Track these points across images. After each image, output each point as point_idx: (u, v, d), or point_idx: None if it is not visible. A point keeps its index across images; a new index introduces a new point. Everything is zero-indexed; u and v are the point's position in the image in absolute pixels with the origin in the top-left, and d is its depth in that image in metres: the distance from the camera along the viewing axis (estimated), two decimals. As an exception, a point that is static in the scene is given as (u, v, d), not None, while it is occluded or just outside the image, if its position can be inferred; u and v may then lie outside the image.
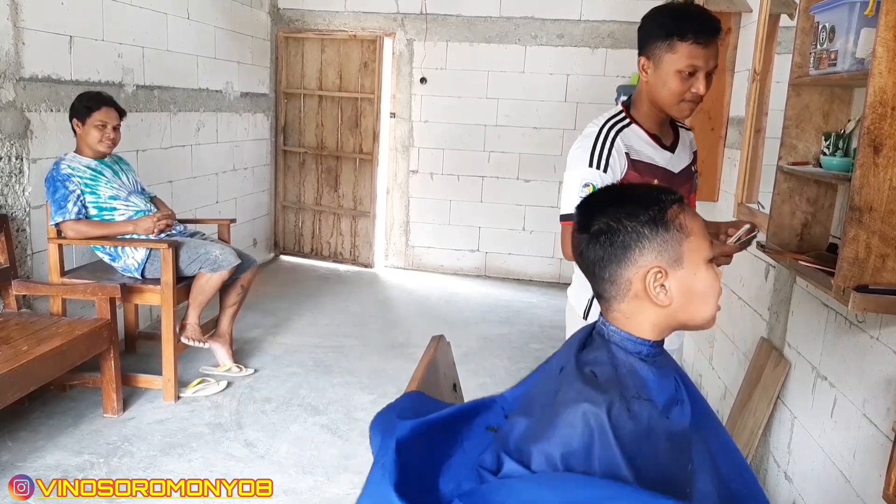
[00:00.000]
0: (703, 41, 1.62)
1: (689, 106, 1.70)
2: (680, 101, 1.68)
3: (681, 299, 1.02)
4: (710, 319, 1.06)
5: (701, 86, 1.65)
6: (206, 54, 4.61)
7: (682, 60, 1.63)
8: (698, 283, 1.02)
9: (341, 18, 5.66)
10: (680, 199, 1.05)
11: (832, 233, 2.12)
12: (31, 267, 3.14)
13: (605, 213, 1.03)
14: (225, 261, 3.15)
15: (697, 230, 1.03)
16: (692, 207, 1.19)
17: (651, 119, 1.78)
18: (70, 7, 3.28)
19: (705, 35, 1.62)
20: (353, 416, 3.11)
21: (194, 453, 2.73)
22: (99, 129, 3.08)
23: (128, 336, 3.67)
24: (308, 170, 5.97)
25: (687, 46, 1.62)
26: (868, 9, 1.67)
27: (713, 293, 1.04)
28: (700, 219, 1.07)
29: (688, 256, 1.01)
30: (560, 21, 5.41)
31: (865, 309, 1.65)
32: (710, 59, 1.64)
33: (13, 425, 2.81)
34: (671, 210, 1.01)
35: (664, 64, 1.66)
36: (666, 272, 1.01)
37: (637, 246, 1.01)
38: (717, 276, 1.05)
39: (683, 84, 1.65)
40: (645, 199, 1.02)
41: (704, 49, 1.62)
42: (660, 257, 1.01)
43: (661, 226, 1.00)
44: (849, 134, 1.96)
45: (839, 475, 2.01)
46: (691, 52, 1.62)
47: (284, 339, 4.04)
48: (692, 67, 1.63)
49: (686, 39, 1.62)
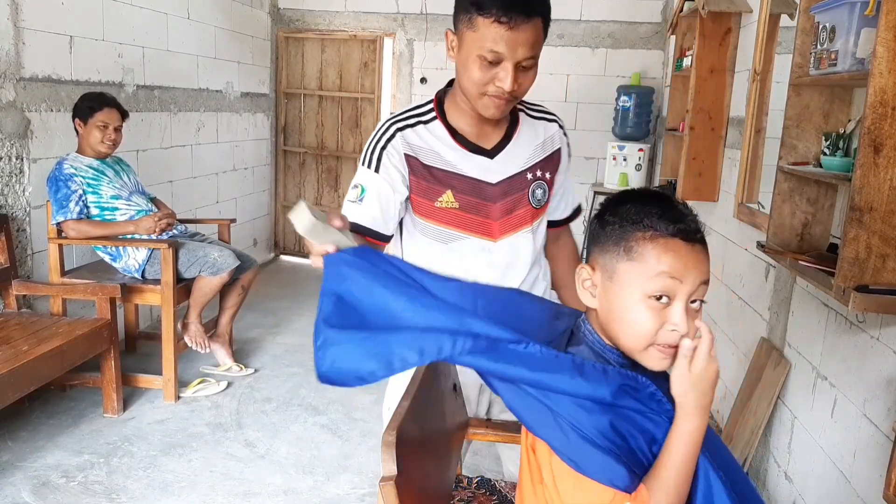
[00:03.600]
0: (509, 21, 1.25)
1: (494, 102, 1.34)
2: (482, 95, 1.34)
3: (604, 311, 1.04)
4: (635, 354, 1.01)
5: (506, 80, 1.29)
6: (207, 54, 4.61)
7: (481, 42, 1.29)
8: (622, 308, 1.00)
9: (341, 18, 5.66)
10: (674, 234, 0.98)
11: (832, 233, 2.12)
12: (31, 267, 3.14)
13: (614, 206, 1.06)
14: (224, 263, 3.15)
15: (651, 262, 0.97)
16: (685, 251, 0.97)
17: (464, 113, 1.44)
18: (70, 7, 3.28)
19: (513, 13, 1.24)
20: (353, 416, 3.11)
21: (194, 453, 2.73)
22: (101, 129, 3.08)
23: (128, 336, 3.67)
24: (308, 170, 5.97)
25: (488, 24, 1.26)
26: (868, 9, 1.67)
27: (633, 329, 0.99)
28: (677, 261, 0.97)
29: (620, 277, 1.00)
30: (560, 21, 5.40)
31: (866, 309, 1.65)
32: (520, 48, 1.27)
33: (13, 425, 2.81)
34: (638, 233, 1.00)
35: (465, 43, 1.33)
36: (595, 273, 1.04)
37: (594, 242, 1.06)
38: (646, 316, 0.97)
39: (485, 73, 1.31)
40: (631, 213, 1.02)
41: (510, 31, 1.26)
42: (598, 259, 1.04)
43: (613, 237, 1.02)
44: (849, 134, 1.96)
45: (839, 475, 2.01)
46: (493, 34, 1.26)
47: (285, 339, 4.04)
48: (493, 54, 1.28)
49: (487, 15, 1.26)
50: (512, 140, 1.48)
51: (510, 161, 1.46)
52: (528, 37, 1.27)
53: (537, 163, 1.50)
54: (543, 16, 1.30)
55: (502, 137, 1.47)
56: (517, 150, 1.48)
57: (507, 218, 1.46)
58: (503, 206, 1.45)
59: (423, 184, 1.44)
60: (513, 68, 1.29)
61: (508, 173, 1.46)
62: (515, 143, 1.48)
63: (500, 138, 1.47)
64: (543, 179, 1.50)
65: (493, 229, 1.46)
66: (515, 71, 1.30)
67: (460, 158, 1.44)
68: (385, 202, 1.44)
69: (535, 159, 1.50)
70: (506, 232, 1.47)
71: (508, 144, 1.47)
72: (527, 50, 1.28)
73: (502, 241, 1.47)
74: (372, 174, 1.44)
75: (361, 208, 1.43)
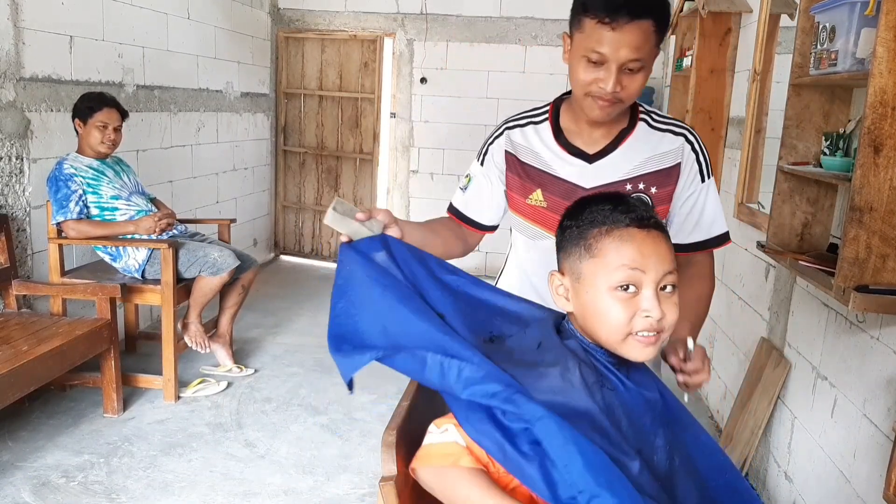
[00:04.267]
0: (612, 21, 1.22)
1: (598, 104, 1.31)
2: (586, 96, 1.32)
3: (579, 311, 1.08)
4: (616, 347, 1.04)
5: (609, 81, 1.27)
6: (207, 54, 4.61)
7: (585, 43, 1.26)
8: (595, 304, 1.05)
9: (341, 18, 5.66)
10: (628, 224, 1.03)
11: (832, 233, 2.12)
12: (31, 267, 3.14)
13: (575, 212, 1.11)
14: (224, 263, 3.15)
15: (610, 256, 1.02)
16: (640, 238, 1.02)
17: (574, 116, 1.43)
18: (70, 7, 3.28)
19: (616, 13, 1.21)
20: (353, 416, 3.11)
21: (194, 453, 2.73)
22: (100, 129, 3.08)
23: (128, 336, 3.67)
24: (308, 170, 5.97)
25: (593, 25, 1.24)
26: (868, 9, 1.67)
27: (610, 322, 1.03)
28: (637, 250, 1.01)
29: (586, 276, 1.06)
30: (560, 21, 5.40)
31: (866, 309, 1.65)
32: (623, 49, 1.24)
33: (13, 425, 2.81)
34: (595, 230, 1.05)
35: (574, 44, 1.31)
36: (566, 280, 1.09)
37: (560, 249, 1.11)
38: (617, 308, 1.01)
39: (588, 73, 1.28)
40: (587, 214, 1.07)
41: (613, 32, 1.23)
42: (565, 266, 1.10)
43: (574, 240, 1.07)
44: (849, 134, 1.96)
45: (839, 475, 2.01)
46: (596, 34, 1.24)
47: (285, 339, 4.04)
48: (596, 55, 1.25)
49: (591, 15, 1.24)
50: (619, 148, 1.42)
51: (610, 168, 1.41)
52: (632, 38, 1.23)
53: (643, 175, 1.41)
54: (654, 16, 1.24)
55: (609, 143, 1.42)
56: (621, 159, 1.41)
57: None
58: None
59: (517, 180, 1.48)
60: (616, 70, 1.26)
61: (605, 180, 1.41)
62: (622, 151, 1.42)
63: (606, 144, 1.42)
64: (647, 193, 1.41)
65: None
66: (619, 73, 1.26)
67: (557, 159, 1.44)
68: (485, 193, 1.53)
69: (642, 171, 1.41)
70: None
71: (614, 151, 1.42)
72: (630, 52, 1.24)
73: None
74: (478, 166, 1.53)
75: (464, 196, 1.55)
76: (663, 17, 1.27)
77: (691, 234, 1.46)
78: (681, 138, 1.43)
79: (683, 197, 1.44)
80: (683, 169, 1.42)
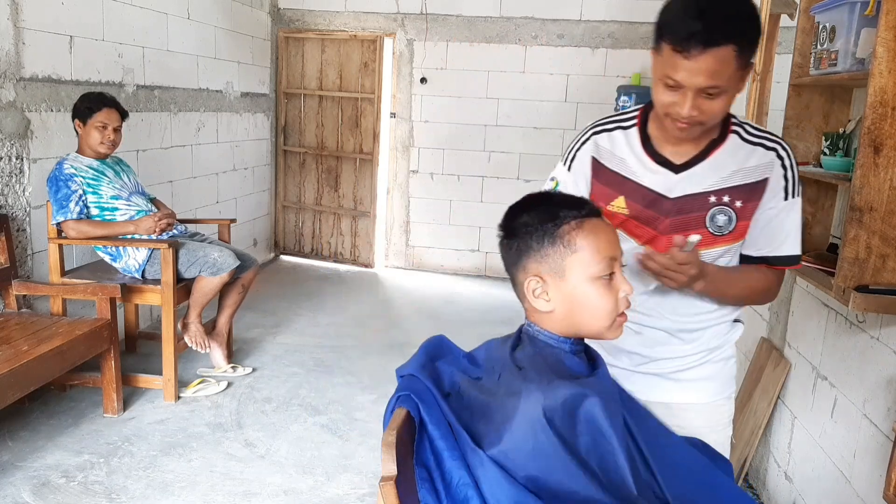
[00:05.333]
0: (685, 50, 1.20)
1: (673, 125, 1.31)
2: (665, 115, 1.32)
3: (564, 308, 1.12)
4: (604, 332, 1.13)
5: (684, 107, 1.25)
6: (207, 54, 4.61)
7: (662, 67, 1.26)
8: (580, 296, 1.11)
9: (341, 18, 5.66)
10: (586, 215, 1.11)
11: (832, 233, 2.12)
12: (31, 267, 3.14)
13: (515, 220, 1.14)
14: (224, 263, 3.15)
15: (589, 247, 1.10)
16: (603, 225, 1.12)
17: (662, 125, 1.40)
18: (70, 7, 3.28)
19: (690, 42, 1.19)
20: (354, 417, 3.11)
21: (194, 453, 2.73)
22: (100, 129, 3.08)
23: (128, 336, 3.67)
24: (308, 170, 5.97)
25: (669, 51, 1.23)
26: (868, 9, 1.68)
27: (601, 309, 1.11)
28: (606, 237, 1.12)
29: (570, 271, 1.10)
30: (560, 21, 5.40)
31: (866, 309, 1.66)
32: (698, 77, 1.21)
33: (13, 425, 2.81)
34: (565, 226, 1.10)
35: (654, 63, 1.31)
36: (546, 281, 1.11)
37: (526, 254, 1.13)
38: (606, 295, 1.11)
39: (666, 96, 1.29)
40: (545, 212, 1.12)
41: (687, 60, 1.20)
42: (542, 267, 1.12)
43: (548, 239, 1.11)
44: (849, 134, 1.97)
45: (839, 475, 2.01)
46: (671, 61, 1.23)
47: (285, 339, 4.04)
48: (672, 80, 1.25)
49: (666, 40, 1.23)
50: (707, 159, 1.38)
51: (695, 179, 1.38)
52: (707, 66, 1.20)
53: (729, 188, 1.37)
54: (735, 41, 1.19)
55: (697, 154, 1.39)
56: (708, 170, 1.38)
57: (675, 235, 1.37)
58: (674, 222, 1.39)
59: (600, 186, 1.47)
60: (692, 96, 1.24)
61: (688, 191, 1.38)
62: (709, 163, 1.38)
63: (693, 154, 1.39)
64: (731, 207, 1.37)
65: (660, 242, 1.41)
66: (696, 98, 1.25)
67: (643, 168, 1.42)
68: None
69: (728, 184, 1.37)
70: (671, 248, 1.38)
71: (701, 163, 1.38)
72: (706, 80, 1.21)
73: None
74: (564, 170, 1.53)
75: None
76: (746, 38, 1.21)
77: (760, 249, 1.42)
78: (772, 153, 1.38)
79: (762, 211, 1.39)
80: (769, 184, 1.38)
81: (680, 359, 1.48)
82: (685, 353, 1.48)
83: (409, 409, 1.09)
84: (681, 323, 1.46)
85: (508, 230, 1.15)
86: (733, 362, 1.56)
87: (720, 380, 1.53)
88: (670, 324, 1.46)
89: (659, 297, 1.44)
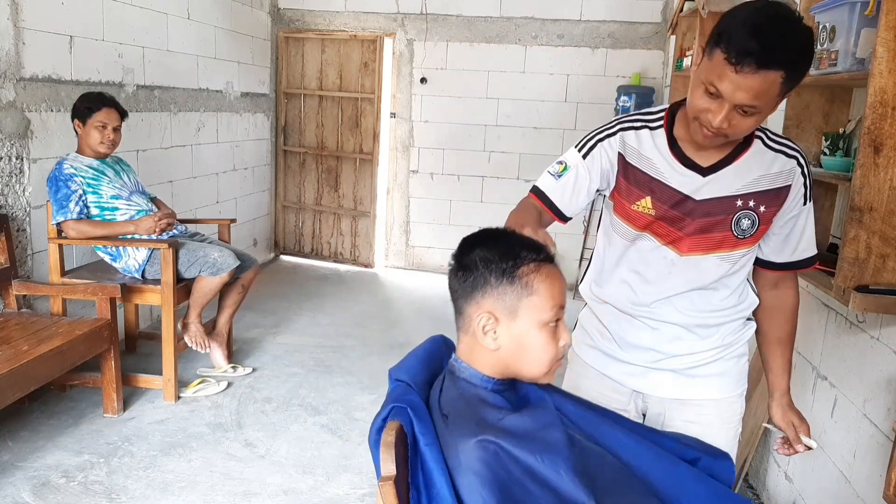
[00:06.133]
0: (738, 65, 1.20)
1: (703, 131, 1.31)
2: (695, 119, 1.32)
3: (510, 348, 1.12)
4: (539, 377, 1.15)
5: (717, 117, 1.26)
6: (207, 54, 4.61)
7: (709, 73, 1.26)
8: (529, 340, 1.11)
9: (341, 18, 5.66)
10: (544, 260, 1.12)
11: (832, 233, 2.12)
12: (31, 267, 3.14)
13: (473, 252, 1.13)
14: (224, 263, 3.15)
15: (545, 293, 1.10)
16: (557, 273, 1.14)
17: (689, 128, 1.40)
18: (70, 7, 3.28)
19: (745, 59, 1.19)
20: (354, 416, 3.11)
21: (194, 453, 2.73)
22: (99, 129, 3.08)
23: (128, 336, 3.67)
24: (308, 170, 5.97)
25: (721, 60, 1.22)
26: (868, 9, 1.68)
27: (544, 355, 1.12)
28: (559, 285, 1.13)
29: (524, 313, 1.10)
30: (560, 21, 5.40)
31: (866, 309, 1.66)
32: (741, 93, 1.22)
33: (13, 425, 2.81)
34: (524, 267, 1.10)
35: (702, 65, 1.29)
36: (498, 320, 1.11)
37: (482, 289, 1.11)
38: (551, 342, 1.12)
39: (703, 101, 1.28)
40: (507, 251, 1.12)
41: (737, 74, 1.21)
42: (497, 305, 1.11)
43: (507, 278, 1.10)
44: (849, 134, 1.97)
45: (839, 475, 2.01)
46: (720, 70, 1.23)
47: (285, 339, 4.04)
48: (714, 88, 1.25)
49: (722, 49, 1.22)
50: (733, 164, 1.40)
51: (722, 183, 1.40)
52: (753, 85, 1.21)
53: (754, 193, 1.40)
54: (787, 69, 1.20)
55: (723, 158, 1.41)
56: (734, 175, 1.40)
57: (700, 237, 1.42)
58: (700, 224, 1.42)
59: (628, 185, 1.46)
60: (728, 108, 1.25)
61: (716, 194, 1.40)
62: (736, 167, 1.40)
63: (720, 158, 1.41)
64: (755, 211, 1.41)
65: (683, 243, 1.43)
66: (731, 111, 1.26)
67: (670, 169, 1.42)
68: (579, 186, 1.49)
69: (753, 189, 1.40)
70: (695, 250, 1.43)
71: (728, 167, 1.40)
72: (748, 98, 1.23)
73: (689, 258, 1.44)
74: (580, 158, 1.48)
75: (556, 183, 1.51)
76: (797, 69, 1.22)
77: (786, 255, 1.48)
78: (793, 161, 1.42)
79: (785, 218, 1.44)
80: (792, 191, 1.42)
81: (695, 354, 1.50)
82: (701, 348, 1.49)
83: (403, 423, 1.08)
84: (698, 318, 1.47)
85: (464, 262, 1.13)
86: (745, 360, 1.58)
87: (733, 376, 1.55)
88: (687, 319, 1.47)
89: (673, 294, 1.46)
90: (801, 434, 1.50)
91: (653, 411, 1.55)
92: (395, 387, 1.16)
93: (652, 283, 1.46)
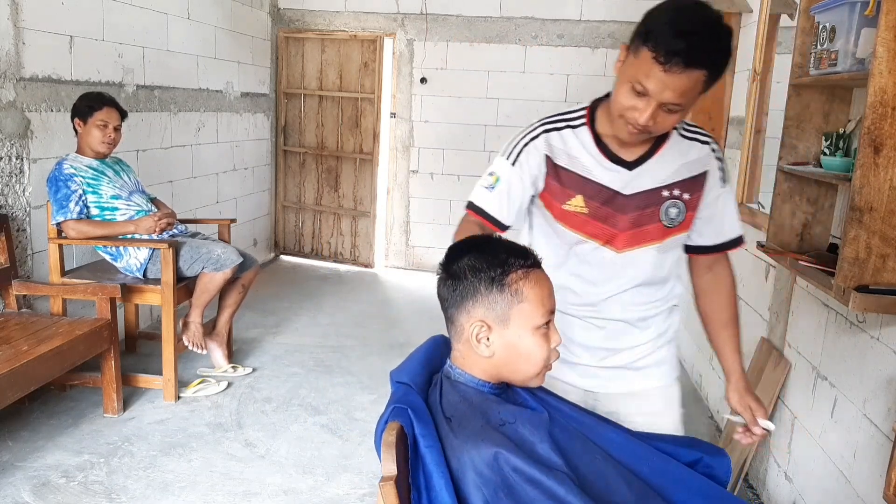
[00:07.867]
0: (667, 63, 1.21)
1: (628, 129, 1.34)
2: (620, 117, 1.34)
3: (503, 355, 1.13)
4: (532, 379, 1.16)
5: (643, 115, 1.28)
6: (207, 54, 4.61)
7: (635, 71, 1.27)
8: (522, 345, 1.12)
9: (341, 18, 5.66)
10: (531, 266, 1.13)
11: (832, 233, 2.12)
12: (31, 267, 3.14)
13: (460, 261, 1.13)
14: (227, 259, 3.15)
15: (535, 298, 1.11)
16: (545, 277, 1.15)
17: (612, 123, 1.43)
18: (70, 7, 3.28)
19: (673, 58, 1.21)
20: (354, 417, 3.11)
21: (194, 453, 2.73)
22: (100, 129, 3.08)
23: (128, 336, 3.67)
24: (308, 170, 5.97)
25: (648, 58, 1.23)
26: (868, 9, 1.68)
27: (537, 359, 1.13)
28: (548, 289, 1.14)
29: (515, 319, 1.11)
30: (560, 21, 5.41)
31: (866, 309, 1.65)
32: (668, 91, 1.24)
33: (13, 425, 2.81)
34: (513, 275, 1.11)
35: (626, 63, 1.31)
36: (490, 328, 1.12)
37: (472, 298, 1.12)
38: (544, 345, 1.13)
39: (628, 99, 1.30)
40: (495, 259, 1.12)
41: (664, 73, 1.22)
42: (488, 313, 1.12)
43: (496, 286, 1.11)
44: (849, 134, 1.97)
45: (839, 475, 2.01)
46: (648, 68, 1.24)
47: (285, 339, 4.04)
48: (641, 87, 1.26)
49: (649, 47, 1.23)
50: (655, 156, 1.45)
51: (648, 175, 1.45)
52: (680, 84, 1.24)
53: (677, 182, 1.46)
54: (710, 68, 1.24)
55: (646, 151, 1.45)
56: (658, 166, 1.45)
57: (634, 231, 1.46)
58: (632, 219, 1.45)
59: (556, 185, 1.47)
60: (655, 106, 1.28)
61: (644, 187, 1.44)
62: (658, 159, 1.45)
63: (643, 152, 1.45)
64: (681, 199, 1.46)
65: (618, 240, 1.46)
66: (656, 109, 1.28)
67: (598, 166, 1.45)
68: (513, 195, 1.51)
69: (676, 178, 1.46)
70: (631, 245, 1.47)
71: (650, 159, 1.45)
72: (675, 96, 1.25)
73: (626, 254, 1.47)
74: (509, 166, 1.50)
75: (491, 195, 1.53)
76: (719, 68, 1.26)
77: (714, 237, 1.54)
78: (707, 147, 1.48)
79: (707, 201, 1.49)
80: (709, 176, 1.48)
81: (638, 347, 1.56)
82: (642, 340, 1.55)
83: (403, 424, 1.08)
84: (639, 312, 1.53)
85: (452, 271, 1.14)
86: (674, 345, 1.64)
87: (670, 363, 1.62)
88: (631, 314, 1.52)
89: (617, 292, 1.51)
90: (759, 417, 1.50)
91: (604, 409, 1.55)
92: (396, 388, 1.16)
93: (596, 284, 1.50)
